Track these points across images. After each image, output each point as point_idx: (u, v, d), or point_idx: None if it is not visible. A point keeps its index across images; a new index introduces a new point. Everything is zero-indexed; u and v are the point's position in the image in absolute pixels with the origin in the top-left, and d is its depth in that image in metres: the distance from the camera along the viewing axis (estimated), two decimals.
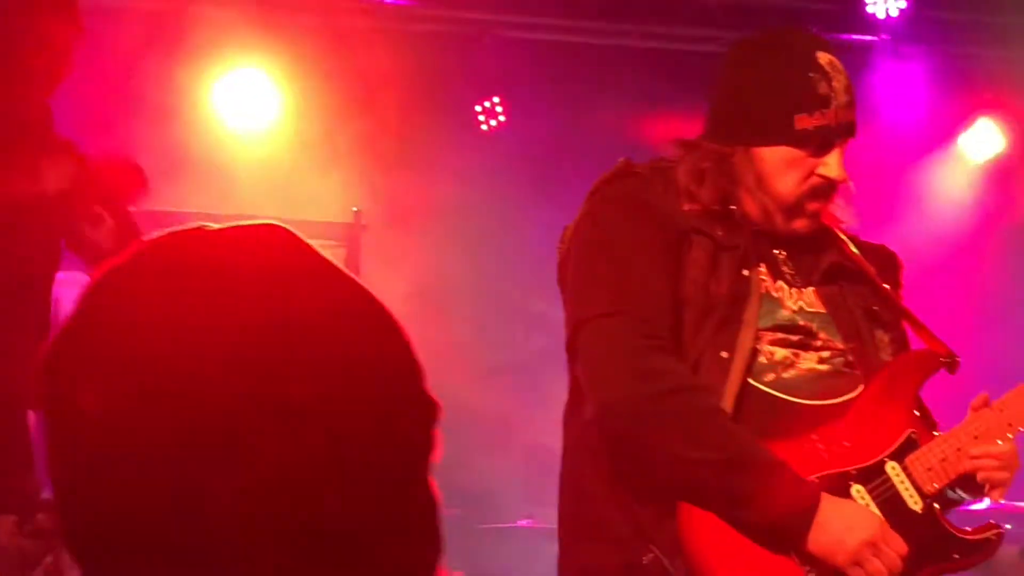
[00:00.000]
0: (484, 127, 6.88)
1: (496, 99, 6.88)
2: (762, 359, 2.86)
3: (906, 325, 3.07)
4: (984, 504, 4.86)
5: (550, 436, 3.09)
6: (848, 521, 2.74)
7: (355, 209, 6.71)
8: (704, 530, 2.74)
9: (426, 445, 1.05)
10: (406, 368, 1.06)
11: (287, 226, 1.07)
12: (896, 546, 2.77)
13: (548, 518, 3.17)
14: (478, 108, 6.89)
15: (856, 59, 6.70)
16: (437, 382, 1.05)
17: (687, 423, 2.73)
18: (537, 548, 5.86)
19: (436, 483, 1.06)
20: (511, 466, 6.70)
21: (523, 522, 6.39)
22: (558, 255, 2.99)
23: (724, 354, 2.81)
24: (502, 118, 6.87)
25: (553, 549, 3.00)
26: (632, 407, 2.74)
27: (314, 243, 1.10)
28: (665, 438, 2.73)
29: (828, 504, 2.74)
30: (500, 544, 6.36)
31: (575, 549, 2.93)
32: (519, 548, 6.27)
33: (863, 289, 3.04)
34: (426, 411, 1.06)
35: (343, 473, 0.99)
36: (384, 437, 1.02)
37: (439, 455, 1.06)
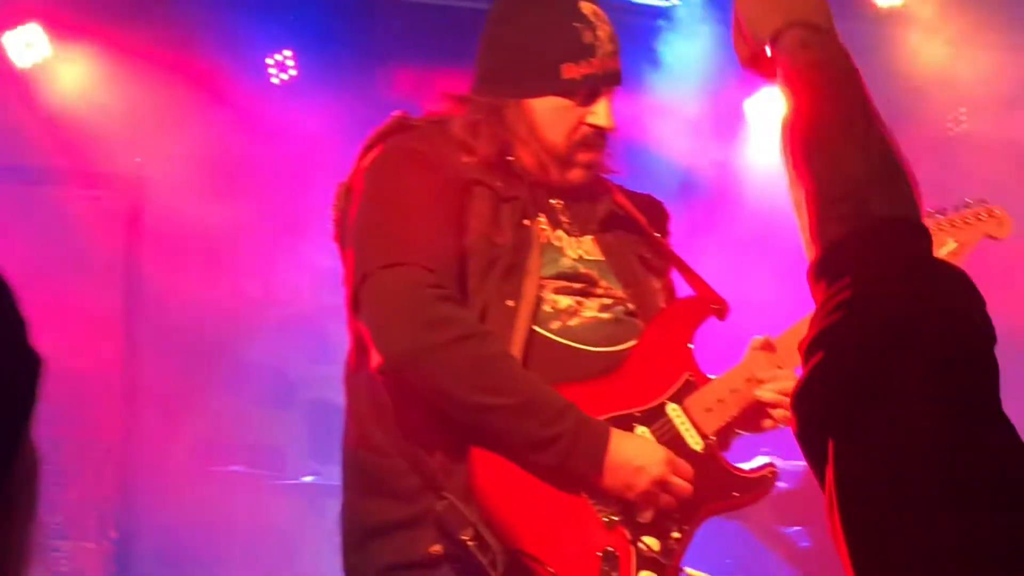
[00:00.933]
0: (275, 80, 6.76)
1: (288, 52, 6.78)
2: (547, 307, 2.88)
3: (675, 273, 3.13)
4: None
5: (335, 392, 3.06)
6: (638, 459, 2.79)
7: (138, 160, 6.54)
8: (496, 473, 2.76)
9: (28, 400, 1.03)
10: (6, 323, 1.03)
11: None
12: (684, 472, 2.83)
13: (333, 475, 3.14)
14: (269, 61, 6.77)
15: (649, 23, 6.78)
16: (222, 337, 1.01)
17: (476, 370, 2.73)
18: (322, 505, 5.84)
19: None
20: (296, 422, 6.65)
21: (307, 478, 6.35)
22: (333, 213, 2.95)
23: (510, 303, 2.83)
24: (293, 71, 6.77)
25: (338, 505, 2.97)
26: (419, 357, 2.73)
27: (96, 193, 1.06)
28: (454, 386, 2.73)
29: (617, 441, 2.78)
30: (284, 500, 6.30)
31: (358, 505, 2.91)
32: (304, 505, 6.23)
33: (636, 237, 3.09)
34: (27, 366, 1.04)
35: None
36: None
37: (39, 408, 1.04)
